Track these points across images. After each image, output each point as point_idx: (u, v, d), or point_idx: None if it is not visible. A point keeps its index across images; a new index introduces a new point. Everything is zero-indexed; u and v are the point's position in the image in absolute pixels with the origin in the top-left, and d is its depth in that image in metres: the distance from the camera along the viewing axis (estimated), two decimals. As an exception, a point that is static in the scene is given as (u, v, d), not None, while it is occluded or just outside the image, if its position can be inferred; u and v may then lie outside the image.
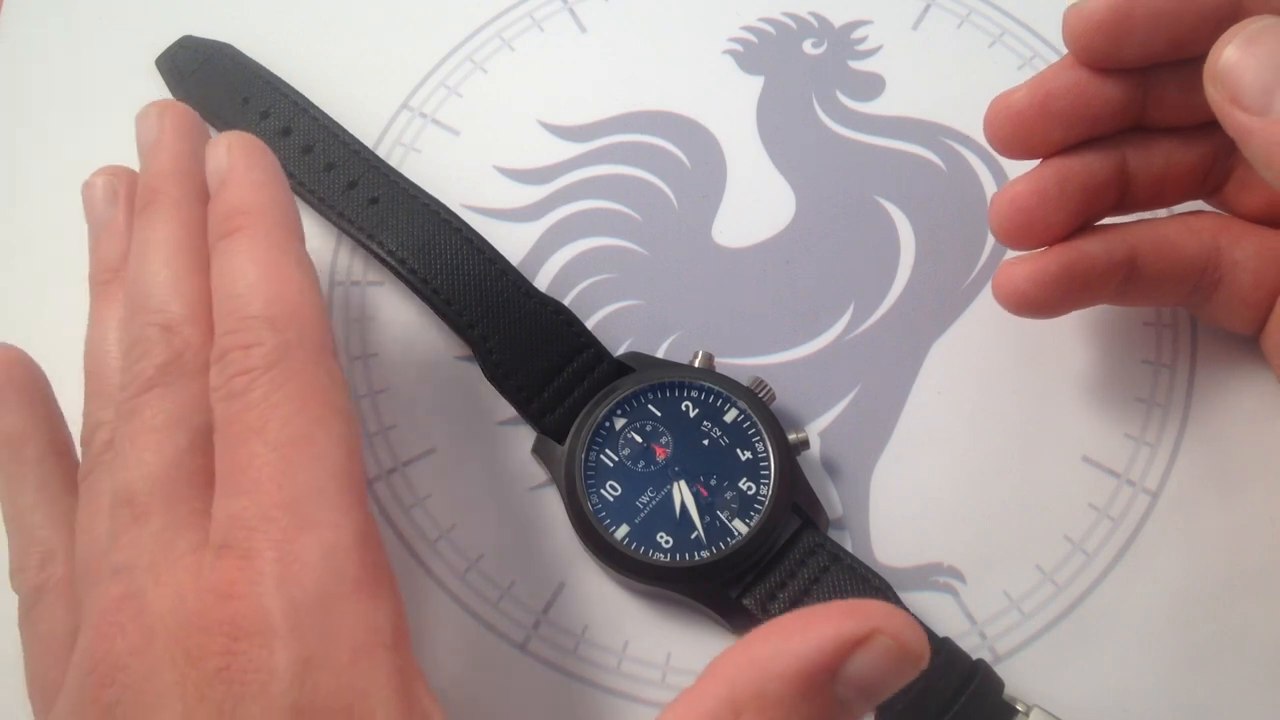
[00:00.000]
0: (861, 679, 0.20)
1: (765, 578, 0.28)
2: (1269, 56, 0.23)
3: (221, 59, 0.36)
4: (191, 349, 0.24)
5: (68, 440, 0.28)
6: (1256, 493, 0.30)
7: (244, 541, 0.21)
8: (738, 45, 0.37)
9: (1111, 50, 0.27)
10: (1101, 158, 0.28)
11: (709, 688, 0.20)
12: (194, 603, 0.21)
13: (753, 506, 0.28)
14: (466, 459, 0.31)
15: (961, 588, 0.30)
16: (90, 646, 0.22)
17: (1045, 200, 0.28)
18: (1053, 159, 0.28)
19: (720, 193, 0.35)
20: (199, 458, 0.24)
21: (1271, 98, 0.23)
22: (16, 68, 0.38)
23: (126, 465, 0.23)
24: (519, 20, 0.38)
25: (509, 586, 0.30)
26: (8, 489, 0.27)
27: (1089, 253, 0.28)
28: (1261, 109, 0.23)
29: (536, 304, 0.31)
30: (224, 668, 0.20)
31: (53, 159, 0.36)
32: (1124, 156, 0.28)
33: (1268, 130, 0.23)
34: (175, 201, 0.27)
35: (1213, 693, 0.28)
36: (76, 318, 0.34)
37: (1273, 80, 0.23)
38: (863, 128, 0.36)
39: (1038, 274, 0.28)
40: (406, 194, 0.32)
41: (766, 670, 0.20)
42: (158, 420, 0.24)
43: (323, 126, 0.34)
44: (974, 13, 0.37)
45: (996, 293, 0.29)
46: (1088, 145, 0.28)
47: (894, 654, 0.20)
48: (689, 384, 0.30)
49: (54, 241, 0.35)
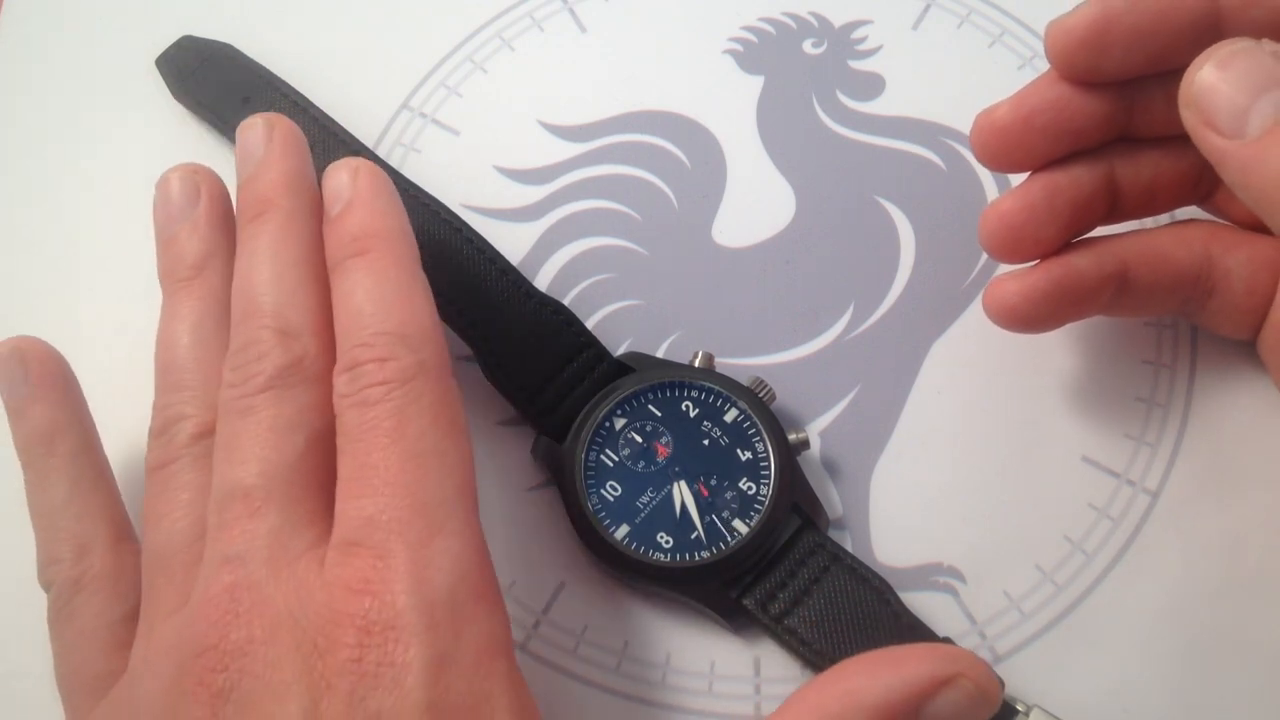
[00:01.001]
0: (941, 718, 0.22)
1: (765, 578, 0.28)
2: (1242, 79, 0.23)
3: (222, 58, 0.36)
4: (310, 356, 0.25)
5: (97, 435, 0.29)
6: (1256, 493, 0.30)
7: (379, 541, 0.22)
8: (738, 45, 0.37)
9: (1093, 65, 0.27)
10: (1089, 170, 0.28)
11: (798, 713, 0.22)
12: (321, 595, 0.22)
13: (753, 506, 0.28)
14: (466, 459, 0.31)
15: (961, 588, 0.30)
16: (199, 631, 0.22)
17: (1034, 216, 0.28)
18: (1040, 174, 0.28)
19: (720, 193, 0.35)
20: (314, 460, 0.25)
21: (1245, 120, 0.23)
22: (16, 68, 0.38)
23: (240, 460, 0.24)
24: (519, 20, 0.38)
25: (509, 586, 0.30)
26: (38, 484, 0.27)
27: (1079, 267, 0.28)
28: (1235, 132, 0.23)
29: (537, 304, 0.31)
30: (356, 659, 0.21)
31: (52, 159, 0.36)
32: (1112, 167, 0.28)
33: (1242, 153, 0.23)
34: (289, 214, 0.27)
35: (1212, 692, 0.28)
36: (79, 316, 0.34)
37: (1246, 103, 0.23)
38: (863, 128, 0.36)
39: (1028, 290, 0.28)
40: (406, 194, 0.32)
41: (855, 701, 0.21)
42: (276, 421, 0.25)
43: (322, 126, 0.34)
44: (974, 13, 0.37)
45: (988, 309, 0.29)
46: (1075, 158, 0.28)
47: (974, 697, 0.22)
48: (689, 384, 0.30)
49: (53, 242, 0.35)
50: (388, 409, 0.24)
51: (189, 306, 0.28)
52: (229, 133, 0.34)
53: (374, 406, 0.24)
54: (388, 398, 0.24)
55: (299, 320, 0.26)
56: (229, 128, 0.34)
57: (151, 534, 0.25)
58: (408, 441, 0.23)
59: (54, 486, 0.27)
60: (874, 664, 0.22)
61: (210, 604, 0.23)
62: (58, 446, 0.27)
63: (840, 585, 0.28)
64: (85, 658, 0.26)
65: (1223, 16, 0.25)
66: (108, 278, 0.34)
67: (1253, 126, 0.23)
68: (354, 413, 0.24)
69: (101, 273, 0.35)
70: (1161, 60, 0.26)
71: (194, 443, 0.26)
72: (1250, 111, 0.23)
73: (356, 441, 0.24)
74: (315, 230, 0.27)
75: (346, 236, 0.26)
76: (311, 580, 0.22)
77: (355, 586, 0.22)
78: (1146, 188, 0.28)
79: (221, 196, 0.29)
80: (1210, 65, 0.23)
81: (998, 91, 0.28)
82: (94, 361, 0.30)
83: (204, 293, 0.28)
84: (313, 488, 0.24)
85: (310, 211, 0.28)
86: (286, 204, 0.27)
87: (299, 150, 0.29)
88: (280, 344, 0.25)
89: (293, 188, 0.28)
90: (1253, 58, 0.23)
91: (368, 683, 0.21)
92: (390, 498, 0.23)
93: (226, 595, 0.23)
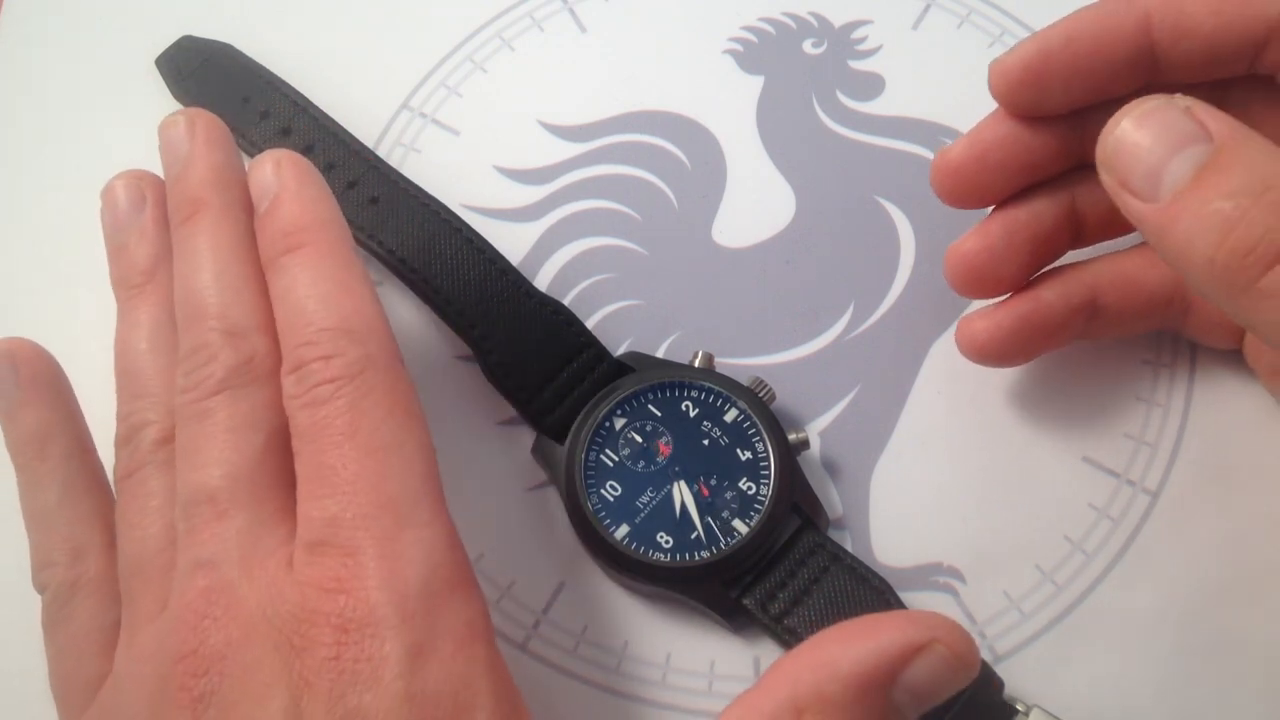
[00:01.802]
0: (918, 684, 0.21)
1: (765, 578, 0.28)
2: (1155, 139, 0.22)
3: (222, 58, 0.36)
4: (259, 355, 0.25)
5: (89, 437, 0.28)
6: (1256, 493, 0.30)
7: (346, 538, 0.22)
8: (738, 45, 0.37)
9: (1035, 101, 0.27)
10: (1049, 201, 0.28)
11: (773, 686, 0.22)
12: (295, 595, 0.22)
13: (753, 506, 0.28)
14: (467, 459, 0.31)
15: (961, 588, 0.30)
16: (177, 637, 0.22)
17: (994, 255, 0.28)
18: (1000, 211, 0.29)
19: (720, 193, 0.35)
20: (275, 457, 0.24)
21: (1159, 182, 0.22)
22: (16, 68, 0.38)
23: (202, 464, 0.24)
24: (519, 20, 0.38)
25: (509, 586, 0.30)
26: (30, 487, 0.27)
27: (1046, 301, 0.28)
28: (1150, 194, 0.22)
29: (536, 304, 0.31)
30: (334, 657, 0.21)
31: (52, 159, 0.36)
32: (1073, 196, 0.29)
33: (1158, 216, 0.22)
34: (221, 211, 0.27)
35: (1212, 692, 0.28)
36: (76, 317, 0.34)
37: (1159, 164, 0.22)
38: (863, 128, 0.36)
39: (993, 329, 0.29)
40: (406, 194, 0.32)
41: (831, 672, 0.21)
42: (233, 422, 0.24)
43: (322, 126, 0.34)
44: (974, 13, 0.37)
45: (960, 347, 0.29)
46: (1036, 190, 0.28)
47: (950, 662, 0.21)
48: (689, 384, 0.30)
49: (54, 241, 0.35)
50: (339, 406, 0.23)
51: (144, 313, 0.28)
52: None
53: (324, 405, 0.23)
54: (337, 395, 0.23)
55: (245, 319, 0.26)
56: (230, 128, 0.34)
57: (124, 542, 0.25)
58: (363, 436, 0.23)
59: (46, 490, 0.27)
60: (849, 633, 0.22)
61: (187, 609, 0.23)
62: (49, 449, 0.27)
63: (840, 585, 0.28)
64: (79, 661, 0.26)
65: (1157, 48, 0.25)
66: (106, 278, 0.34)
67: (1165, 189, 0.22)
68: (305, 413, 0.24)
69: (101, 272, 0.35)
70: (1104, 91, 0.27)
71: (158, 449, 0.26)
72: (1163, 172, 0.22)
73: (311, 442, 0.24)
74: (250, 223, 0.27)
75: (278, 233, 0.26)
76: (283, 580, 0.22)
77: (328, 585, 0.22)
78: (1108, 212, 0.28)
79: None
80: (1126, 123, 0.23)
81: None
82: (92, 362, 0.30)
83: (158, 298, 0.28)
84: (277, 485, 0.24)
85: (243, 205, 0.27)
86: (218, 201, 0.27)
87: (223, 143, 0.28)
88: (229, 344, 0.25)
89: (221, 183, 0.28)
90: (1165, 116, 0.22)
91: (347, 679, 0.21)
92: (353, 495, 0.22)
93: (202, 599, 0.23)
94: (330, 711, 0.21)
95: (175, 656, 0.22)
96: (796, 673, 0.22)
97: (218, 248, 0.27)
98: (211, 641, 0.22)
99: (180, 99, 0.36)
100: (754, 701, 0.22)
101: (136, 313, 0.28)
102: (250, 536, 0.23)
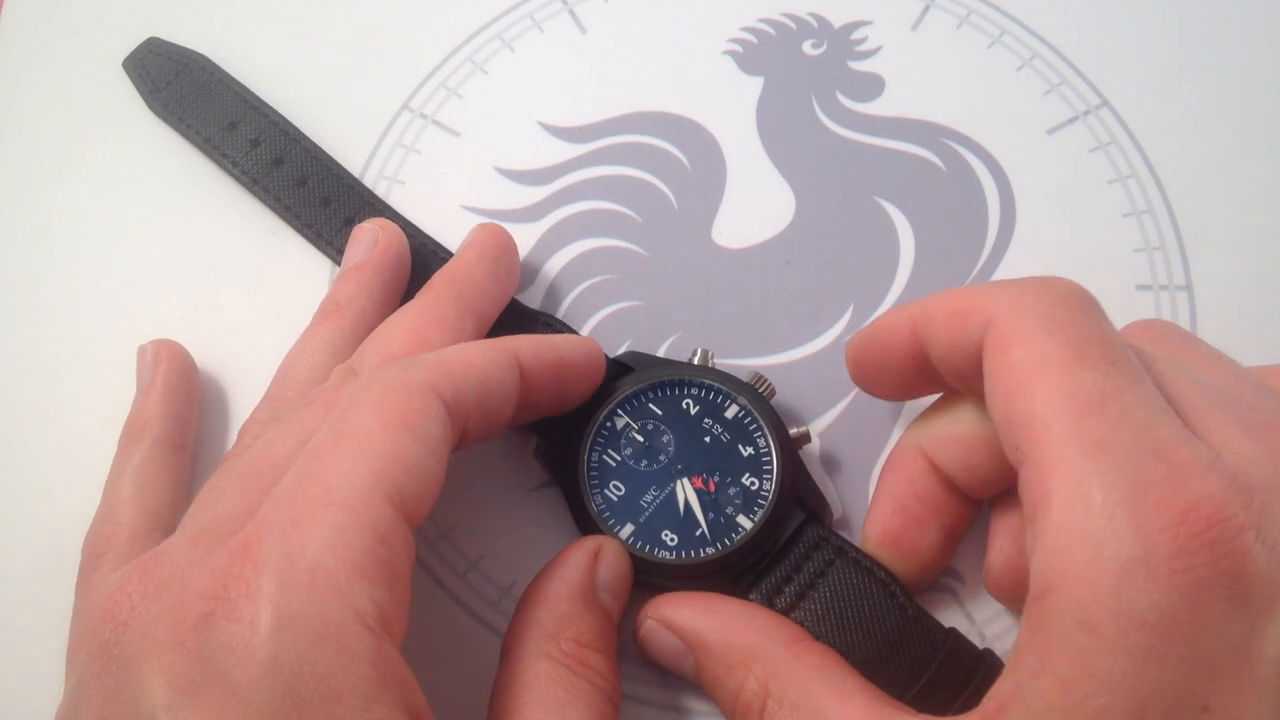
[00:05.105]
0: (609, 581, 0.27)
1: (771, 572, 0.28)
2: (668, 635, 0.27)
3: (197, 71, 0.36)
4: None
5: (186, 437, 0.31)
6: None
7: (272, 507, 0.23)
8: (737, 46, 0.37)
9: (871, 388, 0.29)
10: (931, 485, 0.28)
11: (525, 609, 0.26)
12: (211, 559, 0.22)
13: (756, 501, 0.28)
14: (467, 460, 0.31)
15: (961, 588, 0.29)
16: (103, 603, 0.24)
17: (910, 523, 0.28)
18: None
19: (720, 193, 0.35)
20: None
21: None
22: (17, 67, 0.38)
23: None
24: (519, 21, 0.38)
25: (509, 587, 0.30)
26: (117, 464, 0.30)
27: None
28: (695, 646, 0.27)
29: (528, 319, 0.32)
30: (208, 613, 0.21)
31: (52, 158, 0.36)
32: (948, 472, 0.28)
33: None
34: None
35: (1215, 690, 0.28)
36: (73, 319, 0.34)
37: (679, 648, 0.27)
38: (863, 128, 0.36)
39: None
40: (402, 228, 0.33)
41: (559, 594, 0.26)
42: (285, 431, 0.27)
43: (313, 157, 0.35)
44: (974, 13, 0.37)
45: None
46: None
47: (619, 553, 0.27)
48: (689, 381, 0.30)
49: (51, 241, 0.35)
50: (341, 395, 0.26)
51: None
52: (209, 151, 0.35)
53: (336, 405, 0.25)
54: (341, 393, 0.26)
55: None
56: (216, 152, 0.35)
57: (188, 513, 0.27)
58: (336, 420, 0.24)
59: (124, 469, 0.30)
60: (550, 572, 0.27)
61: (120, 584, 0.24)
62: (145, 435, 0.30)
63: (845, 578, 0.28)
64: None
65: (926, 349, 0.26)
66: (104, 278, 0.34)
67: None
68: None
69: (100, 274, 0.35)
70: (911, 384, 0.28)
71: (255, 441, 0.28)
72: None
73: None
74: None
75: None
76: (218, 545, 0.23)
77: (238, 549, 0.22)
78: (979, 467, 0.27)
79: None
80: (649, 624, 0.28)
81: (997, 92, 0.28)
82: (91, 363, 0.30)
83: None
84: None
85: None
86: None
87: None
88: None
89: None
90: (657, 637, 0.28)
91: (217, 638, 0.21)
92: (299, 472, 0.23)
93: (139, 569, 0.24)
94: (199, 671, 0.21)
95: (102, 612, 0.23)
96: (533, 614, 0.26)
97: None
98: (131, 605, 0.23)
99: (157, 111, 0.36)
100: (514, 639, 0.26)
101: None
102: (231, 513, 0.25)
